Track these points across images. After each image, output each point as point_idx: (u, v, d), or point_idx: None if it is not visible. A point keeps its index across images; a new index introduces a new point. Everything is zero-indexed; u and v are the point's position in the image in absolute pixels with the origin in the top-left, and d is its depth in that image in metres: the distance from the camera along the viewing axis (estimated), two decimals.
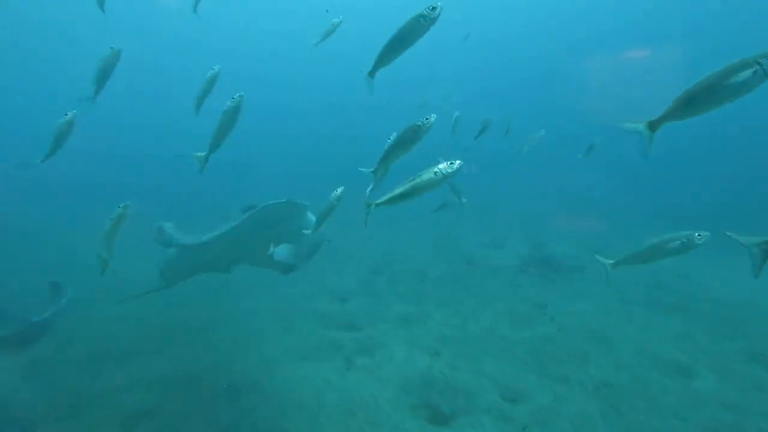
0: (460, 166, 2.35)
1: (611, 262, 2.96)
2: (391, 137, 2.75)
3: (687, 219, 12.08)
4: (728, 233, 2.39)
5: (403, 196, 2.44)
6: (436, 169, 2.37)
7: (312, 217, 4.75)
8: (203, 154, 3.40)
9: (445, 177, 2.37)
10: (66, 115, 3.27)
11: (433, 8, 2.42)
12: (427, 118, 2.56)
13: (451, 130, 6.08)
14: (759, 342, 4.80)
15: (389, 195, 2.48)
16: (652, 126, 2.17)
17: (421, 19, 2.44)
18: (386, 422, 3.55)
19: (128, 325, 5.21)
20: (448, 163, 2.36)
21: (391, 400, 3.82)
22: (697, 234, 2.51)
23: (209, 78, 3.59)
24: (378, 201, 2.52)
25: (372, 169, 2.77)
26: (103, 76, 3.39)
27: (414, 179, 2.41)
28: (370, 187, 2.74)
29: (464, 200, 5.00)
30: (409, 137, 2.60)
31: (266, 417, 3.57)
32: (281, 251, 4.84)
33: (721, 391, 4.00)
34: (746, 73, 1.89)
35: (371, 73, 2.75)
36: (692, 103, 2.03)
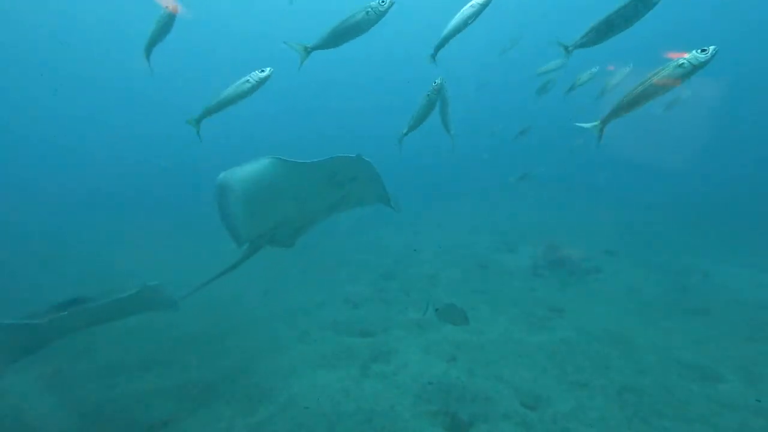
0: (716, 52, 1.89)
1: None
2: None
3: (703, 218, 11.87)
4: None
5: (636, 99, 2.08)
6: (683, 60, 1.93)
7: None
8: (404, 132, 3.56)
9: (696, 68, 1.93)
10: (166, 7, 3.12)
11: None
12: None
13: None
14: None
15: (619, 102, 2.12)
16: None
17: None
18: (405, 430, 3.50)
19: (145, 335, 5.25)
20: (699, 50, 1.92)
21: (409, 408, 3.77)
22: None
23: None
24: (604, 118, 2.18)
25: (573, 45, 2.39)
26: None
27: (651, 77, 2.01)
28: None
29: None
30: (631, 11, 2.20)
31: (283, 427, 3.55)
32: None
33: (749, 395, 3.88)
34: None
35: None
36: None
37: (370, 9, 2.92)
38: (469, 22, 3.10)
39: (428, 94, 3.54)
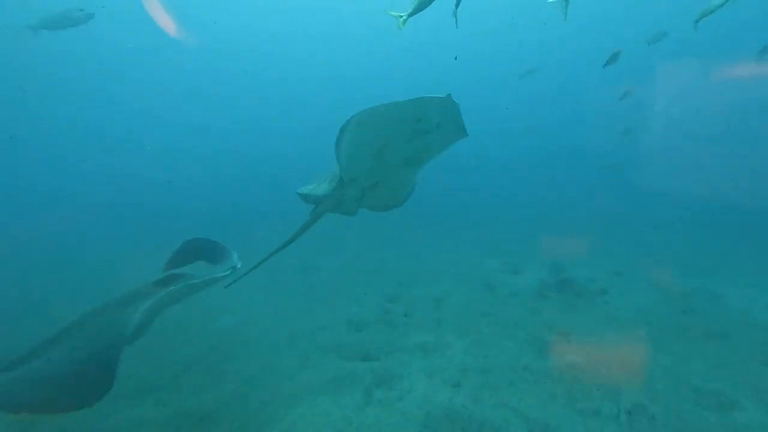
0: None
1: None
2: None
3: (712, 238, 11.70)
4: None
5: None
6: None
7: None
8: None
9: None
10: None
11: None
12: None
13: None
14: None
15: None
16: None
17: None
18: None
19: (145, 358, 5.15)
20: None
21: None
22: None
23: None
24: None
25: None
26: None
27: None
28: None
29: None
30: None
31: None
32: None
33: (767, 423, 3.71)
34: None
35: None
36: None
37: None
38: None
39: None
